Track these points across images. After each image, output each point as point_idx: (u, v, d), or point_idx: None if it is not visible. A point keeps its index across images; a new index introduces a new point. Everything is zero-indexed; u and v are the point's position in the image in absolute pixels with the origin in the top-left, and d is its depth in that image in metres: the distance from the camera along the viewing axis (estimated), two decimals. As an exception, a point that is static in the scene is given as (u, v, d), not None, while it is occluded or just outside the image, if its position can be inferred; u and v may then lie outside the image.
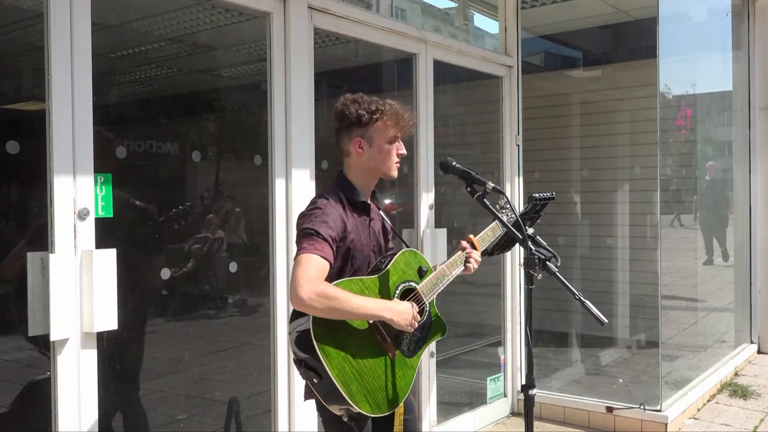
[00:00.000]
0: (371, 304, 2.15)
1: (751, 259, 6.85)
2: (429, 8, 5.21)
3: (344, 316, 2.12)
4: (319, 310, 2.05)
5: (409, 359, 2.32)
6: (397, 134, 2.38)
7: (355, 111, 2.32)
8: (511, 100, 5.10)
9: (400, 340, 2.30)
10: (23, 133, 2.58)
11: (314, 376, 2.09)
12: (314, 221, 2.19)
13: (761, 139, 6.89)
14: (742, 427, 4.77)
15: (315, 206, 2.26)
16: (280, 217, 3.30)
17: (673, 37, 5.25)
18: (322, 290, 2.05)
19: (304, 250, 2.12)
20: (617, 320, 6.35)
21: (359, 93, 2.39)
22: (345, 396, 2.07)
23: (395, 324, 2.20)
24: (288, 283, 3.31)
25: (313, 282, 2.05)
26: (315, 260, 2.10)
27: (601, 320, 2.09)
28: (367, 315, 2.16)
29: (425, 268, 2.44)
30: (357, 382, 2.11)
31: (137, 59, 3.56)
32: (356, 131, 2.35)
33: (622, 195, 6.49)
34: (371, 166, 2.37)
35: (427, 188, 4.23)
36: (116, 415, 3.01)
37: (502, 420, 4.98)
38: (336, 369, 2.07)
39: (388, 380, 2.21)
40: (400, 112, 2.36)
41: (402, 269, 2.36)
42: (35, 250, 2.41)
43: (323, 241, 2.15)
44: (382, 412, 2.19)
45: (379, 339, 2.23)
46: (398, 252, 2.40)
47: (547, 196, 2.45)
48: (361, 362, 2.15)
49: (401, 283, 2.33)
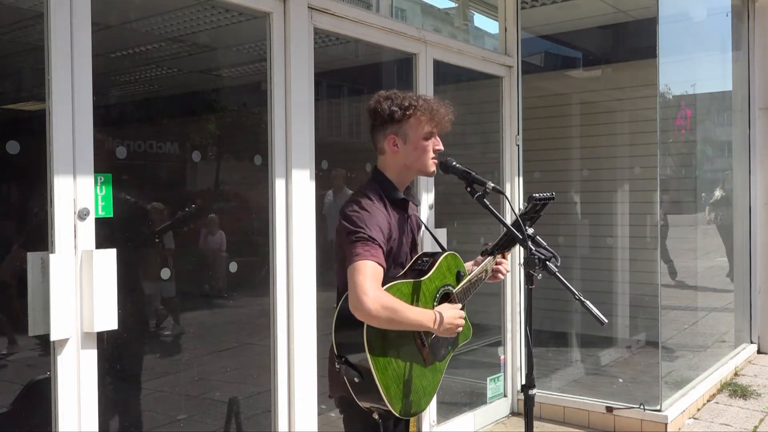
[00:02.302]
0: (424, 318, 2.13)
1: (751, 260, 6.85)
2: (429, 8, 5.21)
3: (399, 327, 2.11)
4: (381, 321, 2.03)
5: (439, 363, 2.31)
6: (433, 130, 2.31)
7: (387, 108, 2.26)
8: (511, 100, 5.10)
9: (436, 346, 2.29)
10: (23, 133, 2.58)
11: (356, 375, 2.07)
12: (366, 225, 2.13)
13: (761, 139, 6.89)
14: (742, 427, 4.77)
15: (361, 207, 2.19)
16: (280, 217, 3.30)
17: (673, 37, 5.26)
18: (386, 302, 2.02)
19: (360, 257, 2.07)
20: (617, 320, 6.35)
21: (393, 90, 2.34)
22: (384, 398, 2.06)
23: (444, 334, 2.20)
24: (288, 283, 3.31)
25: (377, 293, 2.02)
26: (374, 268, 2.06)
27: (601, 320, 2.08)
28: (420, 327, 2.16)
29: (462, 272, 2.41)
30: (396, 384, 2.10)
31: (137, 59, 3.56)
32: (390, 128, 2.29)
33: (622, 195, 6.49)
34: (407, 164, 2.32)
35: (427, 188, 4.23)
36: (116, 415, 3.01)
37: (502, 420, 4.98)
38: (380, 371, 2.05)
39: (422, 384, 2.21)
40: (435, 107, 2.30)
41: (444, 273, 2.33)
42: (34, 250, 2.41)
43: (378, 247, 2.11)
44: (409, 415, 2.18)
45: (418, 343, 2.22)
46: (440, 254, 2.35)
47: (547, 196, 2.44)
48: (402, 365, 2.14)
49: (441, 287, 2.31)
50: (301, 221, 3.35)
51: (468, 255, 2.59)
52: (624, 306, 6.39)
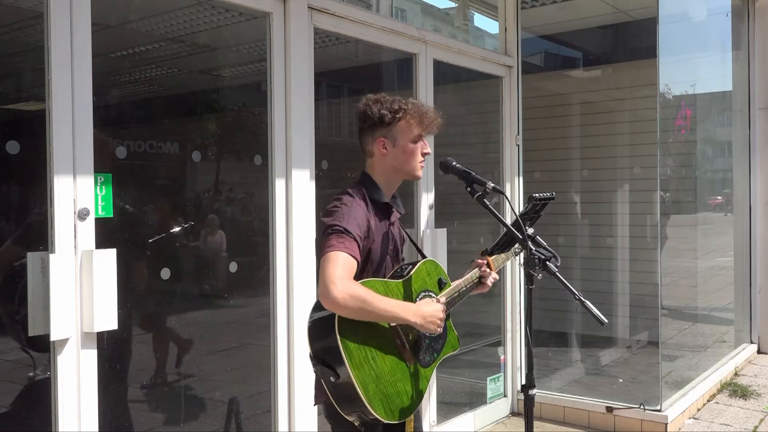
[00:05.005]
0: (400, 309, 2.12)
1: (751, 259, 6.85)
2: (429, 8, 5.21)
3: (372, 318, 2.08)
4: (350, 311, 2.01)
5: (423, 369, 2.29)
6: (421, 133, 2.34)
7: (377, 111, 2.29)
8: (511, 100, 5.11)
9: (418, 349, 2.27)
10: (23, 133, 2.58)
11: (331, 374, 2.04)
12: (342, 218, 2.14)
13: (761, 139, 6.89)
14: (742, 427, 4.77)
15: (341, 202, 2.21)
16: (280, 217, 3.30)
17: (673, 37, 5.26)
18: (354, 291, 2.01)
19: (333, 248, 2.07)
20: (617, 320, 6.35)
21: (381, 93, 2.35)
22: (362, 397, 2.02)
23: (423, 328, 2.17)
24: (288, 283, 3.31)
25: (345, 282, 2.02)
26: (345, 258, 2.06)
27: (601, 320, 2.08)
28: (395, 319, 2.13)
29: (444, 280, 2.41)
30: (375, 384, 2.07)
31: (137, 59, 3.57)
32: (379, 131, 2.31)
33: (622, 195, 6.50)
34: (395, 167, 2.34)
35: (427, 188, 4.23)
36: (116, 414, 3.01)
37: (502, 420, 4.98)
38: (356, 367, 2.02)
39: (405, 387, 2.17)
40: (424, 111, 2.33)
41: (423, 278, 2.33)
42: (35, 250, 2.41)
43: (352, 240, 2.11)
44: (394, 419, 2.14)
45: (398, 344, 2.20)
46: (419, 260, 2.36)
47: (547, 196, 2.45)
48: (380, 364, 2.11)
49: (422, 292, 2.30)
50: (301, 221, 3.35)
51: (468, 255, 2.59)
52: (624, 306, 6.39)
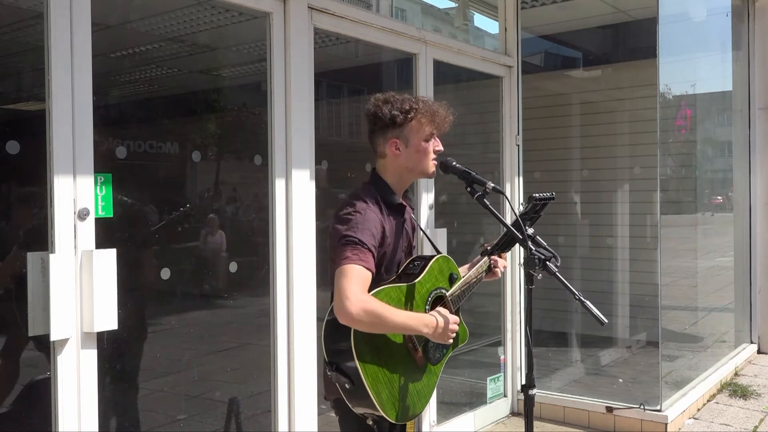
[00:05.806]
0: (413, 321, 2.11)
1: (751, 259, 6.85)
2: (429, 8, 5.21)
3: (386, 331, 2.09)
4: (365, 326, 2.01)
5: (433, 366, 2.29)
6: (433, 131, 2.32)
7: (388, 112, 2.26)
8: (511, 100, 5.10)
9: (428, 349, 2.27)
10: (23, 133, 2.58)
11: (347, 381, 2.05)
12: (356, 228, 2.10)
13: (761, 139, 6.89)
14: (742, 427, 4.77)
15: (355, 209, 2.16)
16: (280, 217, 3.30)
17: (673, 37, 5.26)
18: (369, 306, 2.00)
19: (348, 260, 2.05)
20: (617, 320, 6.35)
21: (390, 92, 2.33)
22: (375, 403, 2.05)
23: (434, 338, 2.17)
24: (288, 283, 3.31)
25: (360, 297, 2.00)
26: (360, 272, 2.04)
27: (601, 320, 2.08)
28: (408, 331, 2.14)
29: (455, 275, 2.39)
30: (388, 390, 2.09)
31: (137, 59, 3.57)
32: (391, 132, 2.28)
33: (622, 195, 6.50)
34: (409, 167, 2.32)
35: (427, 188, 4.23)
36: (115, 415, 3.01)
37: (502, 420, 4.98)
38: (371, 378, 2.04)
39: (415, 388, 2.19)
40: (435, 109, 2.31)
41: (436, 276, 2.31)
42: (35, 250, 2.41)
43: (367, 251, 2.09)
44: (405, 420, 2.16)
45: (410, 347, 2.20)
46: (432, 257, 2.34)
47: (547, 196, 2.44)
48: (393, 370, 2.12)
49: (434, 290, 2.29)
50: (301, 221, 3.35)
51: (468, 255, 2.59)
52: (624, 306, 6.39)
